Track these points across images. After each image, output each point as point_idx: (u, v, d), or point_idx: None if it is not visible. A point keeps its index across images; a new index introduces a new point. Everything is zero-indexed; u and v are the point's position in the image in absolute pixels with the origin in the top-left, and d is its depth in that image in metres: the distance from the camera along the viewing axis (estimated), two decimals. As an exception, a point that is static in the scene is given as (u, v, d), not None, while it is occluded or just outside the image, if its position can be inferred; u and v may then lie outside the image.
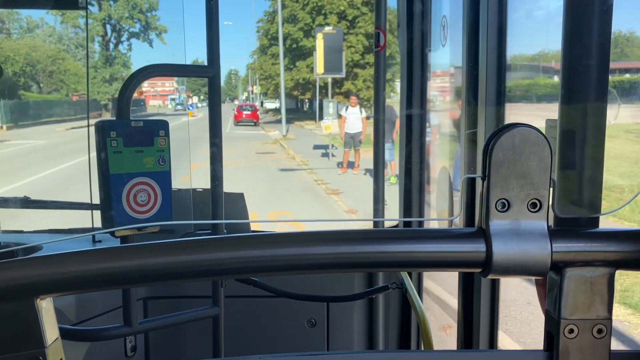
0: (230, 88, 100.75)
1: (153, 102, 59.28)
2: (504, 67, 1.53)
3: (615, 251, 0.67)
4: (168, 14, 41.98)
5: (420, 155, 2.39)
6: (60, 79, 39.64)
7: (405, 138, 2.42)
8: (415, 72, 2.37)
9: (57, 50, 40.35)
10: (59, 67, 39.44)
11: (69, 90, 39.75)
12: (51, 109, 35.48)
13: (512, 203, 0.66)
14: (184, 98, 54.95)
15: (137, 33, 43.65)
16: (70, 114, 34.60)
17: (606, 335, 0.69)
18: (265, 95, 56.94)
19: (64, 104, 38.07)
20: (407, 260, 0.69)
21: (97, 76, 40.21)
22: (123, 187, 1.69)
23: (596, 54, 0.74)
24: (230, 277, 1.92)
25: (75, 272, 0.64)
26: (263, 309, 2.40)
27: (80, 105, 37.88)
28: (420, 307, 1.86)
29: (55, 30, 42.36)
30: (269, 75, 41.68)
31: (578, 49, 0.75)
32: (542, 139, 0.65)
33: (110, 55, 42.89)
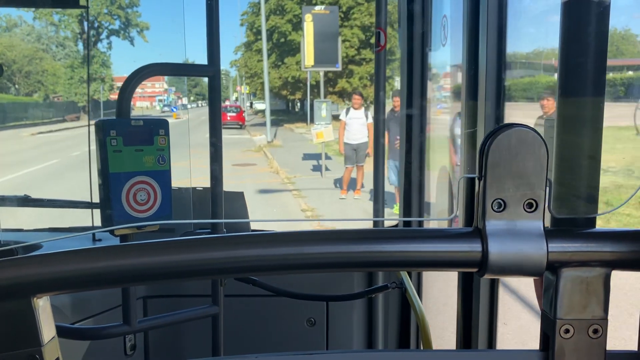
0: (221, 89, 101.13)
1: (140, 104, 57.81)
2: (503, 66, 1.53)
3: (611, 251, 0.67)
4: (168, 14, 40.10)
5: (420, 154, 2.38)
6: (38, 80, 37.93)
7: (405, 137, 2.42)
8: (415, 72, 2.37)
9: (34, 50, 38.53)
10: (35, 67, 37.73)
11: (47, 91, 37.94)
12: (25, 112, 33.34)
13: (508, 203, 0.66)
14: (173, 99, 53.58)
15: (117, 30, 40.74)
16: (44, 117, 32.81)
17: (602, 336, 0.69)
18: (255, 95, 53.71)
19: (40, 106, 36.30)
20: (404, 259, 0.69)
21: (75, 76, 37.41)
22: (123, 186, 1.69)
23: (593, 55, 0.74)
24: (229, 276, 1.92)
25: (71, 271, 0.64)
26: (262, 308, 2.40)
27: (57, 108, 36.07)
28: (419, 307, 1.86)
29: (34, 29, 40.42)
30: (254, 73, 37.62)
31: (575, 50, 0.75)
32: (538, 139, 0.65)
33: (88, 54, 40.03)
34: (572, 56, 0.75)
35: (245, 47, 39.21)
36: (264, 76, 25.58)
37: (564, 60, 0.76)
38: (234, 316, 2.27)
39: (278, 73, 33.91)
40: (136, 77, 1.76)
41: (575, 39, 0.75)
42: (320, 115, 13.62)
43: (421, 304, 1.89)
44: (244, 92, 54.32)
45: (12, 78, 36.85)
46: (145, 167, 1.72)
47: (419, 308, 1.84)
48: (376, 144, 2.42)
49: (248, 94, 55.81)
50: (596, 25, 0.74)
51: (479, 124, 1.54)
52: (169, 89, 54.52)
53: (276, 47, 33.72)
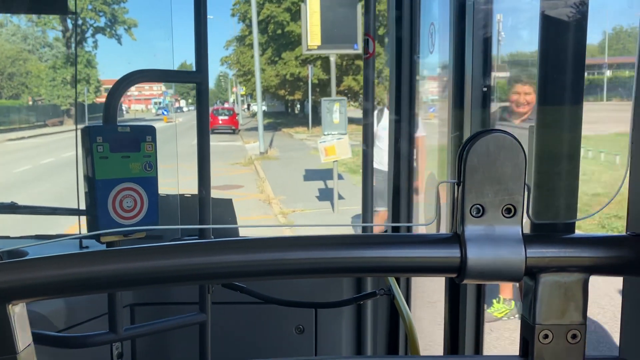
0: (220, 91, 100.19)
1: (136, 106, 56.01)
2: (489, 72, 1.54)
3: (588, 257, 0.67)
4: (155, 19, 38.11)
5: (408, 160, 2.39)
6: (22, 82, 35.80)
7: (394, 143, 2.42)
8: (404, 78, 2.38)
9: (17, 51, 36.39)
10: (19, 69, 35.69)
11: (31, 94, 35.70)
12: (6, 116, 31.26)
13: (487, 208, 0.66)
14: (169, 102, 52.29)
15: (103, 28, 37.39)
16: (22, 122, 30.63)
17: (580, 341, 0.69)
18: (252, 97, 47.56)
19: (20, 110, 33.98)
20: (383, 265, 0.69)
21: (57, 77, 34.52)
22: (109, 193, 1.68)
23: (572, 64, 0.74)
24: (216, 282, 1.92)
25: (46, 277, 0.64)
26: (250, 315, 2.39)
27: (38, 111, 33.94)
28: (407, 313, 1.86)
29: (19, 29, 37.87)
30: (248, 70, 31.70)
31: (554, 58, 0.76)
32: (517, 145, 0.65)
33: (71, 53, 36.84)
34: (551, 65, 0.76)
35: (238, 41, 34.48)
36: (256, 73, 21.38)
37: (543, 68, 0.76)
38: (222, 324, 2.26)
39: (275, 70, 29.19)
40: (123, 84, 1.76)
41: (553, 48, 0.76)
42: (330, 120, 9.09)
43: (409, 311, 1.89)
44: (241, 94, 49.55)
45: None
46: (131, 173, 1.72)
47: (407, 314, 1.84)
48: (365, 148, 2.43)
49: (244, 95, 51.44)
50: (574, 33, 0.74)
51: (465, 128, 1.55)
52: (165, 91, 53.41)
53: (272, 41, 29.20)
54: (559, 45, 0.75)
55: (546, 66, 0.76)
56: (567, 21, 0.75)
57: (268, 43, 29.69)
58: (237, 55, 34.86)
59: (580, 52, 0.75)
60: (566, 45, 0.75)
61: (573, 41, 0.75)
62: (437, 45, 2.27)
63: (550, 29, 0.76)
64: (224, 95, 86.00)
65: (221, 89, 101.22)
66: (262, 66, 27.59)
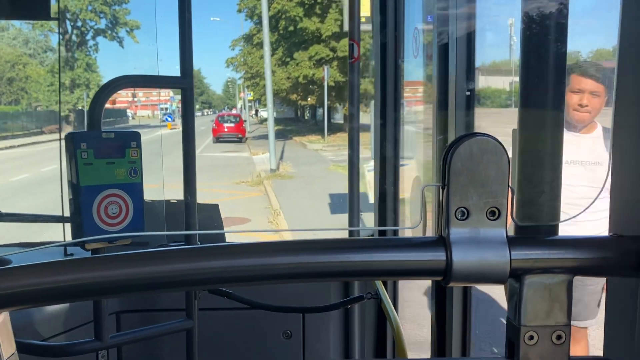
0: (228, 97, 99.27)
1: (142, 112, 53.99)
2: (472, 76, 1.55)
3: (572, 258, 0.68)
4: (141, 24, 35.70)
5: (394, 164, 2.40)
6: (22, 87, 34.33)
7: (380, 148, 2.43)
8: (389, 83, 2.40)
9: (17, 55, 35.02)
10: (18, 74, 34.23)
11: (30, 100, 34.15)
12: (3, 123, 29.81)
13: (471, 211, 0.67)
14: (177, 108, 50.66)
15: (103, 30, 35.22)
16: (15, 129, 29.05)
17: (565, 341, 0.69)
18: (260, 102, 44.42)
19: (16, 117, 32.34)
20: (369, 269, 0.69)
21: (56, 82, 32.53)
22: (94, 199, 1.67)
23: (553, 65, 0.75)
24: (203, 288, 1.91)
25: (30, 285, 0.63)
26: (238, 321, 2.38)
27: (36, 118, 32.28)
28: (394, 317, 1.86)
29: (21, 32, 36.45)
30: (257, 72, 28.55)
31: (536, 60, 0.77)
32: (500, 148, 0.66)
33: (71, 57, 34.83)
34: (532, 67, 0.77)
35: (245, 40, 30.62)
36: (266, 75, 17.70)
37: (524, 71, 0.77)
38: (209, 330, 2.25)
39: (286, 72, 25.95)
40: (107, 90, 1.75)
41: (535, 51, 0.77)
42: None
43: (396, 314, 1.90)
44: (249, 99, 44.88)
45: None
46: (116, 179, 1.71)
47: (394, 318, 1.85)
48: (350, 151, 2.43)
49: (252, 101, 47.05)
50: (555, 38, 0.76)
51: (450, 131, 1.56)
52: (172, 96, 51.83)
53: (283, 39, 25.53)
54: (541, 49, 0.76)
55: (527, 70, 0.77)
56: (548, 25, 0.76)
57: (278, 42, 25.98)
58: (244, 56, 31.17)
59: (561, 56, 0.76)
60: (547, 48, 0.76)
61: (554, 45, 0.76)
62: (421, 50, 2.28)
63: (532, 33, 0.77)
64: (232, 101, 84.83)
65: (229, 94, 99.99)
66: (272, 68, 24.38)
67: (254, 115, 49.97)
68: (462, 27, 1.58)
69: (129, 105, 48.47)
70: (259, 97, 37.20)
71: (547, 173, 0.77)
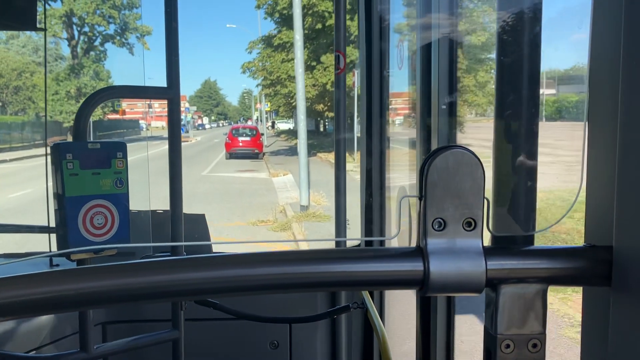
0: (244, 108, 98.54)
1: (156, 123, 51.94)
2: (455, 87, 1.58)
3: (546, 268, 0.70)
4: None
5: (380, 174, 2.42)
6: (28, 96, 32.84)
7: (366, 158, 2.45)
8: (375, 93, 2.42)
9: (24, 63, 33.47)
10: (25, 83, 32.72)
11: (36, 109, 32.51)
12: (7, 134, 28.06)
13: (448, 222, 0.68)
14: (192, 119, 48.39)
15: (112, 35, 32.80)
16: (13, 141, 27.52)
17: (541, 350, 0.71)
18: (277, 113, 40.02)
19: (19, 127, 30.55)
20: (348, 279, 0.70)
21: (60, 91, 30.96)
22: (79, 210, 1.67)
23: (527, 76, 0.77)
24: (189, 299, 1.91)
25: (14, 296, 0.63)
26: (224, 331, 2.37)
27: (42, 128, 30.08)
28: (380, 327, 1.87)
29: (30, 39, 34.78)
30: (277, 79, 24.94)
31: (510, 72, 0.79)
32: (475, 160, 0.67)
33: (77, 64, 32.68)
34: (507, 79, 0.79)
35: (264, 42, 26.63)
36: (297, 80, 13.11)
37: (499, 83, 0.79)
38: (196, 340, 2.24)
39: (311, 79, 22.35)
40: (93, 101, 1.76)
41: (509, 63, 0.79)
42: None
43: (382, 324, 1.90)
44: (266, 110, 40.68)
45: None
46: (102, 190, 1.71)
47: (380, 328, 1.86)
48: (337, 162, 2.45)
49: (269, 112, 42.54)
50: (529, 46, 0.78)
51: (432, 143, 1.58)
52: (186, 107, 49.74)
53: (308, 40, 21.46)
54: (515, 61, 0.78)
55: (502, 82, 0.79)
56: (522, 38, 0.78)
57: (303, 43, 21.95)
58: (263, 59, 26.57)
59: (535, 68, 0.78)
60: (522, 61, 0.78)
61: (528, 57, 0.78)
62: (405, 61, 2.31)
63: (507, 46, 0.79)
64: (248, 113, 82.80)
65: (244, 106, 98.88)
66: (293, 73, 20.57)
67: (270, 127, 46.86)
68: (445, 37, 1.60)
69: (144, 116, 47.19)
70: (277, 108, 33.91)
71: (522, 184, 0.79)
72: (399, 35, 2.44)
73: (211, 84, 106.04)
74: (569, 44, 2.02)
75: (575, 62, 7.39)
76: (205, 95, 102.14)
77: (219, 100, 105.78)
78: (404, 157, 2.61)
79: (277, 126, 50.55)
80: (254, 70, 27.70)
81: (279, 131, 48.06)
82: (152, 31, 33.11)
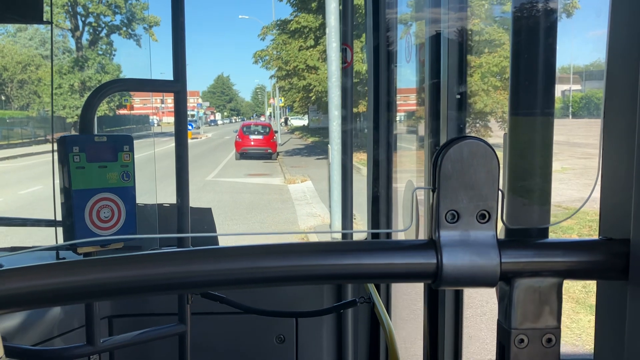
0: (257, 104, 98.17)
1: (168, 119, 50.85)
2: (464, 79, 1.56)
3: (562, 261, 0.68)
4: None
5: (387, 167, 2.40)
6: (34, 90, 31.66)
7: (373, 151, 2.44)
8: (382, 87, 2.40)
9: (28, 56, 32.27)
10: (30, 76, 31.67)
11: (42, 104, 31.34)
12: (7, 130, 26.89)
13: (462, 214, 0.67)
14: (204, 115, 46.94)
15: (118, 26, 30.82)
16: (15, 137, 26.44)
17: (555, 345, 0.70)
18: (291, 109, 36.81)
19: (27, 123, 29.37)
20: (360, 272, 0.69)
21: (64, 85, 29.10)
22: (86, 203, 1.66)
23: (543, 70, 0.76)
24: (195, 291, 1.90)
25: (20, 288, 0.63)
26: (231, 326, 2.37)
27: (43, 124, 29.33)
28: (387, 321, 1.86)
29: (37, 32, 33.60)
30: (293, 70, 22.01)
31: (525, 66, 0.77)
32: (490, 151, 0.66)
33: (81, 56, 31.03)
34: (523, 72, 0.77)
35: (279, 27, 23.34)
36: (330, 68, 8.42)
37: (515, 76, 0.78)
38: (202, 335, 2.24)
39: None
40: (99, 94, 1.75)
41: (525, 54, 0.77)
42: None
43: (389, 318, 1.89)
44: (280, 105, 37.95)
45: (3, 88, 31.04)
46: (109, 183, 1.70)
47: (387, 322, 1.85)
48: (344, 155, 2.44)
49: (283, 107, 40.02)
50: (544, 41, 0.76)
51: (441, 135, 1.57)
52: (198, 103, 48.23)
53: (323, 28, 18.11)
54: (531, 55, 0.77)
55: (518, 74, 0.78)
56: (537, 32, 0.77)
57: (322, 29, 19.41)
58: (277, 47, 23.33)
59: (550, 61, 0.77)
60: (537, 54, 0.76)
61: (544, 50, 0.77)
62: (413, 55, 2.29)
63: (522, 40, 0.78)
64: (261, 109, 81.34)
65: (257, 102, 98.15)
66: (313, 62, 19.52)
67: (283, 123, 44.94)
68: (454, 28, 1.59)
69: (156, 112, 46.30)
70: (291, 104, 30.91)
71: (537, 177, 0.78)
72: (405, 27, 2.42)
73: (224, 80, 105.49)
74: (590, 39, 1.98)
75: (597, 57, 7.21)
76: (218, 91, 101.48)
77: (232, 96, 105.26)
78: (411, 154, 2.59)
79: (291, 122, 48.86)
80: (267, 59, 24.65)
81: (293, 128, 45.94)
82: (160, 22, 31.57)
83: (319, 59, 20.23)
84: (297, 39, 21.31)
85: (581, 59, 8.43)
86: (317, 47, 20.27)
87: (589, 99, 8.65)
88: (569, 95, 9.59)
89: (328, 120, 8.35)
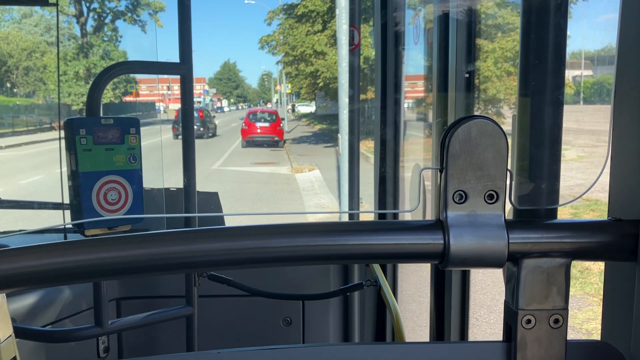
0: (264, 91, 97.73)
1: (174, 106, 50.33)
2: (473, 58, 1.54)
3: (570, 242, 0.68)
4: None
5: (394, 149, 2.40)
6: (39, 77, 31.24)
7: (380, 132, 2.43)
8: (389, 70, 2.38)
9: (33, 42, 31.95)
10: (35, 63, 31.21)
11: (47, 91, 30.82)
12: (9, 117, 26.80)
13: (469, 194, 0.66)
14: (210, 101, 46.19)
15: (123, 12, 30.47)
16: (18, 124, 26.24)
17: (562, 325, 0.69)
18: (298, 95, 36.35)
19: (25, 110, 29.10)
20: (367, 252, 0.69)
21: (69, 71, 28.04)
22: (93, 186, 1.67)
23: (552, 50, 0.75)
24: (201, 270, 1.91)
25: (27, 267, 0.63)
26: (238, 308, 2.38)
27: (52, 110, 29.27)
28: (393, 303, 1.86)
29: (42, 19, 33.01)
30: (300, 55, 21.35)
31: (535, 46, 0.76)
32: (499, 131, 0.65)
33: (86, 43, 30.74)
34: (532, 52, 0.76)
35: (285, 12, 22.68)
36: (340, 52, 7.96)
37: (524, 56, 0.76)
38: (209, 317, 2.26)
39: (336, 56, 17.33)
40: (106, 76, 1.75)
41: (535, 34, 0.76)
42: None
43: (395, 301, 1.90)
44: (287, 92, 37.34)
45: (9, 75, 30.71)
46: (115, 166, 1.70)
47: (393, 304, 1.85)
48: (351, 136, 2.43)
49: (290, 94, 39.15)
50: (554, 21, 0.75)
51: (449, 115, 1.56)
52: (204, 90, 47.30)
53: (332, 10, 18.06)
54: (540, 35, 0.75)
55: (527, 54, 0.76)
56: (548, 9, 0.75)
57: (330, 12, 18.93)
58: (284, 32, 22.59)
59: (560, 41, 0.75)
60: (547, 34, 0.75)
61: (553, 32, 0.75)
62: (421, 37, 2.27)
63: (532, 19, 0.77)
64: (268, 95, 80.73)
65: (264, 88, 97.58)
66: (320, 48, 19.04)
67: (290, 110, 44.61)
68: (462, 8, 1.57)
69: (163, 99, 45.91)
70: (298, 90, 30.07)
71: (546, 157, 0.77)
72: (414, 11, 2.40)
73: (230, 66, 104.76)
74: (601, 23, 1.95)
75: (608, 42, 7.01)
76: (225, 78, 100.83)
77: (238, 83, 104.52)
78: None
79: (298, 109, 48.34)
80: (273, 44, 23.78)
81: (300, 115, 45.46)
82: (165, 7, 31.06)
83: (326, 44, 19.79)
84: (304, 23, 20.82)
85: (592, 43, 8.22)
86: (325, 31, 19.83)
87: (601, 84, 8.49)
88: (580, 82, 9.44)
89: (338, 107, 7.89)
